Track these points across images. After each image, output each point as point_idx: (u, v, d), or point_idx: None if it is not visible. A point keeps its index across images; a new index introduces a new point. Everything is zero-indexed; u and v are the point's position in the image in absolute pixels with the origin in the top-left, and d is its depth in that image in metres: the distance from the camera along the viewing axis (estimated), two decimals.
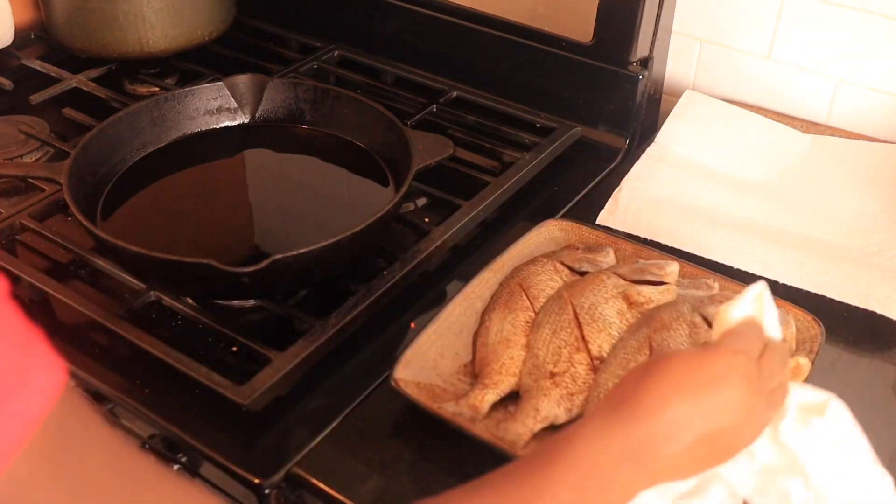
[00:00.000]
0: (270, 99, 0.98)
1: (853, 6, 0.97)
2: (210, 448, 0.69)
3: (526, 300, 0.76)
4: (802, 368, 0.70)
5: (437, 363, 0.73)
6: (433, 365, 0.72)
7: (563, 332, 0.72)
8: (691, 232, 0.90)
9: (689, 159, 1.01)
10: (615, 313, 0.73)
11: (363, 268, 0.82)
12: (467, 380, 0.72)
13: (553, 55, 1.04)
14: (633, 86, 1.01)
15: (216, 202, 0.94)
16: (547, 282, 0.78)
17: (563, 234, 0.86)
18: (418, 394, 0.69)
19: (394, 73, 1.14)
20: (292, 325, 0.78)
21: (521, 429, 0.67)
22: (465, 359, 0.74)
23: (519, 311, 0.75)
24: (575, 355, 0.70)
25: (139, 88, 1.14)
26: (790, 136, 1.02)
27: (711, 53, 1.08)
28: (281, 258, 0.71)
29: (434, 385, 0.71)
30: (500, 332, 0.74)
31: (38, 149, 1.01)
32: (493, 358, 0.72)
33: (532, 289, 0.77)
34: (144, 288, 0.79)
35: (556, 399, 0.68)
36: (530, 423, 0.67)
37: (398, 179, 0.89)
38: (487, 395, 0.69)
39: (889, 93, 0.99)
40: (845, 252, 0.88)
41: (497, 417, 0.69)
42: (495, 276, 0.80)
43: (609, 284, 0.75)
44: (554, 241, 0.86)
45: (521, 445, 0.66)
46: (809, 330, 0.75)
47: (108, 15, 1.08)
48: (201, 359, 0.72)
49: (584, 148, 1.03)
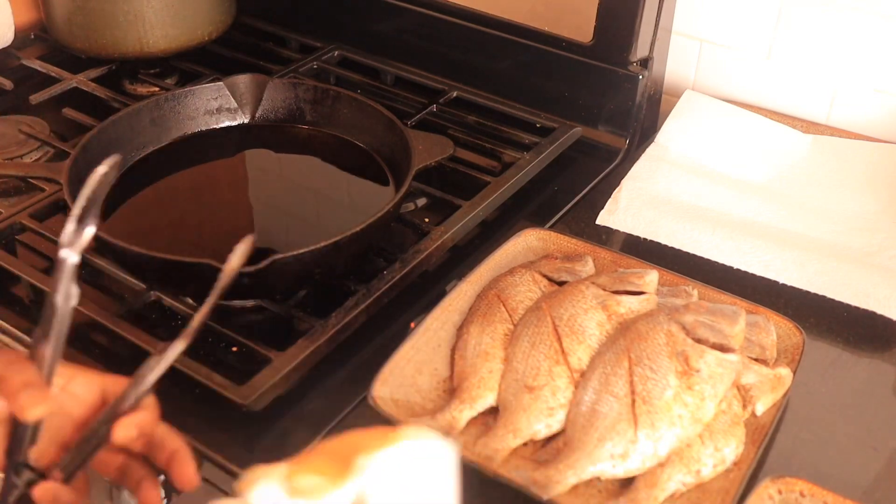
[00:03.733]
0: (270, 99, 0.98)
1: (853, 6, 0.97)
2: (210, 448, 0.69)
3: (504, 312, 0.75)
4: (784, 379, 0.70)
5: (415, 379, 0.71)
6: (411, 381, 0.71)
7: (542, 345, 0.71)
8: (691, 232, 0.90)
9: (689, 159, 1.01)
10: (595, 324, 0.72)
11: (363, 268, 0.82)
12: (447, 395, 0.71)
13: (553, 55, 1.04)
14: (633, 86, 1.01)
15: (216, 202, 0.94)
16: (525, 293, 0.77)
17: (541, 243, 0.85)
18: (396, 411, 0.68)
19: (394, 73, 1.14)
20: (292, 325, 0.78)
21: (500, 445, 0.66)
22: (443, 374, 0.73)
23: (497, 324, 0.74)
24: (554, 368, 0.69)
25: (139, 88, 1.14)
26: (790, 136, 1.02)
27: (711, 53, 1.08)
28: (281, 258, 0.71)
29: (412, 402, 0.70)
30: (478, 346, 0.72)
31: (38, 149, 1.01)
32: (472, 372, 0.71)
33: (510, 300, 0.76)
34: (144, 288, 0.79)
35: (536, 414, 0.67)
36: (509, 439, 0.66)
37: (398, 179, 0.89)
38: (464, 410, 0.68)
39: (889, 93, 0.99)
40: (845, 252, 0.88)
41: (475, 432, 0.68)
42: (472, 288, 0.79)
43: (588, 295, 0.74)
44: (532, 251, 0.84)
45: (498, 462, 0.65)
46: (791, 338, 0.75)
47: (108, 15, 1.08)
48: (201, 359, 0.72)
49: (584, 148, 1.03)
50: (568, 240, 0.85)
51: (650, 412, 0.65)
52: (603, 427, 0.65)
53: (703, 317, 0.71)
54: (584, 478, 0.64)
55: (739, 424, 0.67)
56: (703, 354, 0.68)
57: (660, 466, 0.64)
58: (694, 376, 0.67)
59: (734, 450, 0.66)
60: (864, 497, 0.66)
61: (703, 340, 0.69)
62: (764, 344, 0.73)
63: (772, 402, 0.69)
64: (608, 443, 0.64)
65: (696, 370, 0.67)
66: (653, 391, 0.66)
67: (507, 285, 0.77)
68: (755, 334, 0.73)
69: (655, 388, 0.66)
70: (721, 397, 0.67)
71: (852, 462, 0.69)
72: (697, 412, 0.66)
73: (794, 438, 0.70)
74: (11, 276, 0.81)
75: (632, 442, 0.64)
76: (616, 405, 0.66)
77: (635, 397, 0.66)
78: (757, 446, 0.66)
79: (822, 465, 0.68)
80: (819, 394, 0.74)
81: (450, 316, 0.77)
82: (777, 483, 0.63)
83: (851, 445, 0.70)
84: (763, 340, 0.73)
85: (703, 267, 0.86)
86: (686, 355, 0.68)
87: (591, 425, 0.66)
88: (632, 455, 0.64)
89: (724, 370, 0.68)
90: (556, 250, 0.84)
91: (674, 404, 0.65)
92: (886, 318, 0.81)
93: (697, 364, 0.67)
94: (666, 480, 0.64)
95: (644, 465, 0.64)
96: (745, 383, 0.69)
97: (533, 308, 0.75)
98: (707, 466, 0.65)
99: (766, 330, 0.74)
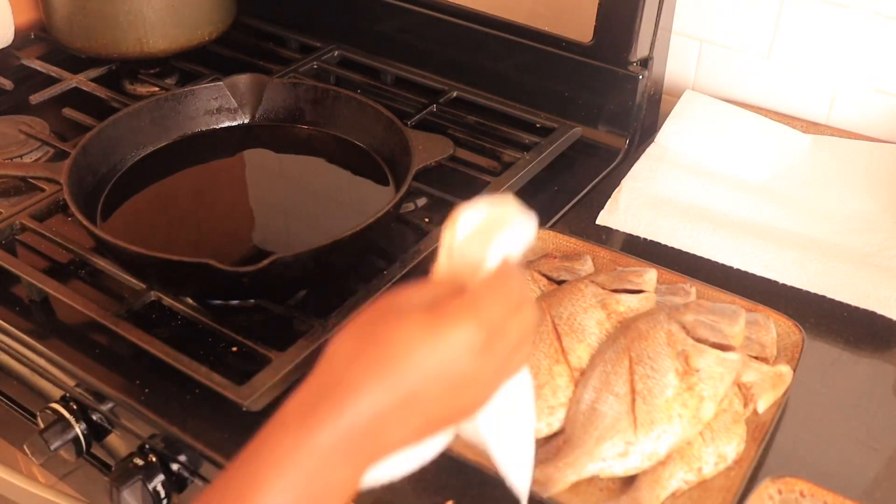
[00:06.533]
0: (270, 99, 0.98)
1: (853, 6, 0.97)
2: (210, 448, 0.69)
3: None
4: (784, 377, 0.70)
5: None
6: None
7: (541, 344, 0.71)
8: (691, 232, 0.90)
9: (688, 159, 1.01)
10: (594, 323, 0.72)
11: (363, 268, 0.82)
12: None
13: (553, 55, 1.04)
14: (633, 86, 1.01)
15: (216, 202, 0.94)
16: None
17: (540, 242, 0.85)
18: None
19: (394, 73, 1.14)
20: (292, 325, 0.78)
21: None
22: None
23: None
24: (554, 367, 0.69)
25: (139, 88, 1.14)
26: (790, 136, 1.02)
27: (711, 53, 1.08)
28: (281, 258, 0.71)
29: None
30: None
31: (38, 149, 1.01)
32: None
33: None
34: (144, 288, 0.79)
35: (536, 413, 0.67)
36: None
37: (398, 179, 0.89)
38: None
39: (889, 93, 0.99)
40: (845, 252, 0.88)
41: None
42: None
43: (587, 293, 0.74)
44: (530, 250, 0.84)
45: None
46: (791, 336, 0.75)
47: (108, 15, 1.08)
48: (201, 359, 0.72)
49: (584, 148, 1.03)
50: (567, 239, 0.85)
51: (650, 411, 0.65)
52: (603, 426, 0.65)
53: (703, 316, 0.71)
54: (584, 476, 0.64)
55: (740, 423, 0.67)
56: (703, 354, 0.68)
57: (661, 465, 0.65)
58: (694, 376, 0.67)
59: (735, 448, 0.66)
60: (864, 497, 0.66)
61: (703, 340, 0.69)
62: (764, 342, 0.73)
63: (773, 400, 0.69)
64: (608, 441, 0.65)
65: (696, 370, 0.67)
66: (653, 390, 0.66)
67: None
68: (755, 332, 0.73)
69: (656, 388, 0.66)
70: (721, 397, 0.67)
71: (852, 462, 0.69)
72: (697, 412, 0.66)
73: (794, 438, 0.70)
74: (11, 276, 0.81)
75: (632, 440, 0.64)
76: (616, 404, 0.66)
77: (635, 396, 0.66)
78: (758, 444, 0.66)
79: (822, 465, 0.68)
80: (819, 393, 0.74)
81: None
82: (777, 483, 0.63)
83: (851, 445, 0.70)
84: (763, 338, 0.73)
85: (703, 267, 0.86)
86: (686, 355, 0.68)
87: (591, 424, 0.66)
88: (632, 454, 0.64)
89: (725, 370, 0.68)
90: (555, 250, 0.84)
91: (674, 403, 0.65)
92: (886, 318, 0.81)
93: (698, 364, 0.67)
94: (668, 478, 0.64)
95: (644, 464, 0.65)
96: (746, 381, 0.69)
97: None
98: (708, 464, 0.65)
99: (766, 328, 0.74)
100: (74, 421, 0.77)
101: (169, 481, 0.74)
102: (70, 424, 0.77)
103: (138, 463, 0.73)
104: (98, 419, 0.78)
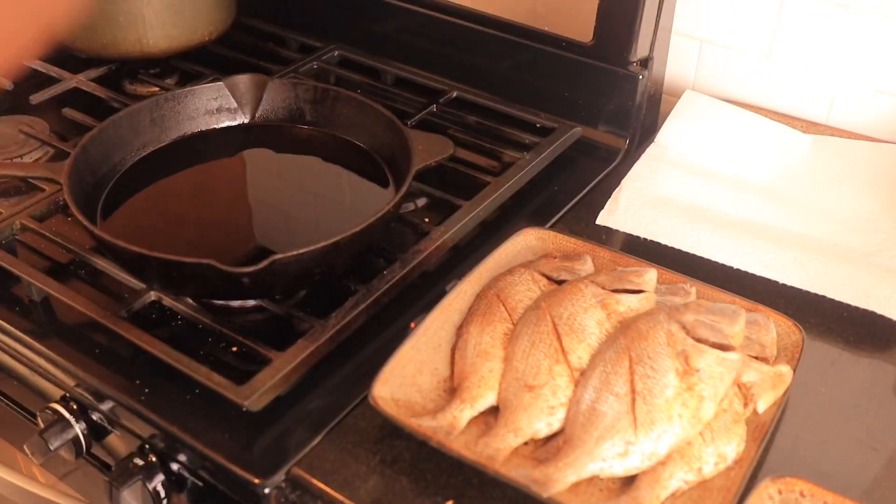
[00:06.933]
0: (270, 99, 0.98)
1: (853, 6, 0.97)
2: (210, 448, 0.69)
3: (504, 311, 0.75)
4: (784, 377, 0.70)
5: (415, 379, 0.71)
6: (412, 381, 0.71)
7: (541, 344, 0.71)
8: (691, 232, 0.90)
9: (689, 159, 1.01)
10: (594, 323, 0.72)
11: (363, 268, 0.82)
12: (447, 395, 0.71)
13: (553, 55, 1.04)
14: (633, 86, 1.01)
15: (216, 202, 0.94)
16: (525, 292, 0.76)
17: (540, 242, 0.85)
18: (396, 411, 0.67)
19: (394, 73, 1.14)
20: (292, 325, 0.78)
21: (501, 444, 0.66)
22: (444, 373, 0.73)
23: (497, 323, 0.74)
24: (555, 367, 0.69)
25: (139, 88, 1.14)
26: (790, 136, 1.02)
27: (711, 53, 1.08)
28: (281, 258, 0.71)
29: (413, 402, 0.70)
30: (478, 345, 0.72)
31: (38, 149, 1.01)
32: (472, 371, 0.71)
33: (510, 300, 0.76)
34: (144, 288, 0.79)
35: (536, 413, 0.67)
36: (510, 438, 0.66)
37: (398, 179, 0.89)
38: (465, 410, 0.68)
39: (889, 93, 0.99)
40: (845, 252, 0.88)
41: (476, 432, 0.68)
42: (472, 288, 0.79)
43: (587, 293, 0.74)
44: (531, 250, 0.84)
45: (499, 461, 0.65)
46: (791, 336, 0.75)
47: (108, 15, 1.08)
48: (201, 359, 0.72)
49: (584, 148, 1.03)
50: (567, 239, 0.85)
51: (650, 411, 0.65)
52: (603, 425, 0.65)
53: (703, 316, 0.71)
54: (584, 476, 0.64)
55: (741, 422, 0.67)
56: (703, 354, 0.68)
57: (661, 464, 0.64)
58: (694, 376, 0.67)
59: (735, 448, 0.66)
60: (864, 497, 0.66)
61: (703, 340, 0.69)
62: (764, 342, 0.73)
63: (773, 400, 0.69)
64: (608, 441, 0.64)
65: (696, 370, 0.67)
66: (653, 390, 0.66)
67: (506, 285, 0.77)
68: (755, 332, 0.73)
69: (656, 387, 0.66)
70: (721, 397, 0.67)
71: (852, 462, 0.69)
72: (697, 412, 0.66)
73: (794, 438, 0.70)
74: (11, 277, 0.81)
75: (632, 440, 0.64)
76: (616, 404, 0.66)
77: (635, 396, 0.66)
78: (758, 444, 0.66)
79: (822, 465, 0.68)
80: (819, 393, 0.74)
81: (450, 316, 0.77)
82: (777, 483, 0.63)
83: (851, 445, 0.70)
84: (763, 338, 0.73)
85: (703, 267, 0.86)
86: (686, 355, 0.68)
87: (591, 423, 0.66)
88: (631, 453, 0.64)
89: (725, 370, 0.68)
90: (554, 249, 0.84)
91: (674, 403, 0.65)
92: (886, 318, 0.81)
93: (698, 364, 0.67)
94: (668, 478, 0.64)
95: (644, 464, 0.64)
96: (746, 381, 0.69)
97: (532, 307, 0.75)
98: (709, 464, 0.65)
99: (766, 328, 0.74)
100: (74, 421, 0.77)
101: (169, 481, 0.74)
102: (70, 424, 0.77)
103: (138, 463, 0.73)
104: (98, 419, 0.78)
